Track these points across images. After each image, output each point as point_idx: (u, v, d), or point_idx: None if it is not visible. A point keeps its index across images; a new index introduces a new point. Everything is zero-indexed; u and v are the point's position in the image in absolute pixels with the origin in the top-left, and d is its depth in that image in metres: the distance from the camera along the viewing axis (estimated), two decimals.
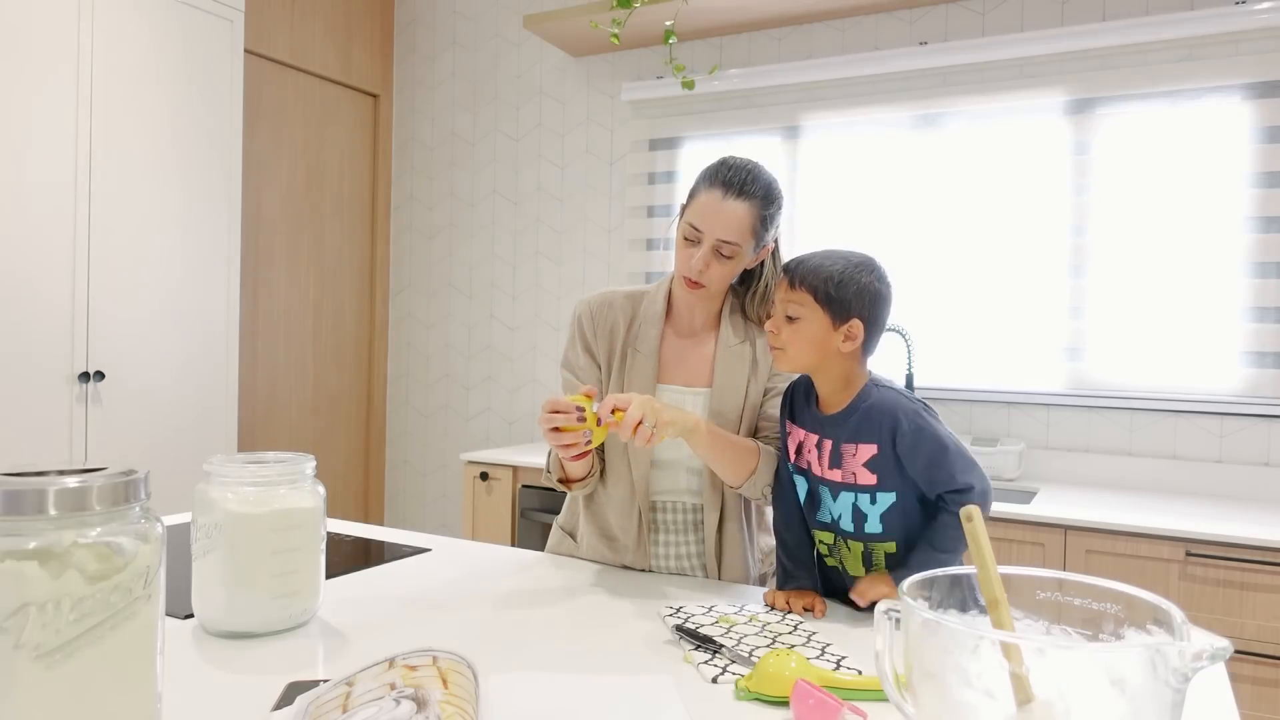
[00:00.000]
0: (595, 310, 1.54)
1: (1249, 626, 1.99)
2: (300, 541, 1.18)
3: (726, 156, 1.42)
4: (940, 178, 2.89)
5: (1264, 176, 2.47)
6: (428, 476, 3.92)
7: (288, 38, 3.51)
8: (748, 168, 1.39)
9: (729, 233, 1.37)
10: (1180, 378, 2.57)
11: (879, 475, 1.26)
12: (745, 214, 1.37)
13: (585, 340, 1.54)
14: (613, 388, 1.51)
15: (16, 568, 0.68)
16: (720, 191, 1.37)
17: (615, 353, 1.52)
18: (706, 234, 1.38)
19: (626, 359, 1.51)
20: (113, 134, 2.65)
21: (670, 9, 2.97)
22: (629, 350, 1.51)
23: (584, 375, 1.54)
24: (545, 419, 1.29)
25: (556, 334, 3.58)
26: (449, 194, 3.86)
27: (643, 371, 1.49)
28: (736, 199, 1.36)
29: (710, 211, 1.37)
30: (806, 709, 0.90)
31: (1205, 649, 0.63)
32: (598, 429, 1.30)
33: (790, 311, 1.27)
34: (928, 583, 0.81)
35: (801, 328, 1.27)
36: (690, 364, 1.52)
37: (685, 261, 1.41)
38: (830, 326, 1.26)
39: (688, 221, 1.40)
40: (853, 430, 1.27)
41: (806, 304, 1.26)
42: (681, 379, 1.51)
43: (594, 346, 1.53)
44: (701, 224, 1.38)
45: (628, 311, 1.53)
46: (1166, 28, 2.52)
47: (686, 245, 1.41)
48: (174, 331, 2.84)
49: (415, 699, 0.79)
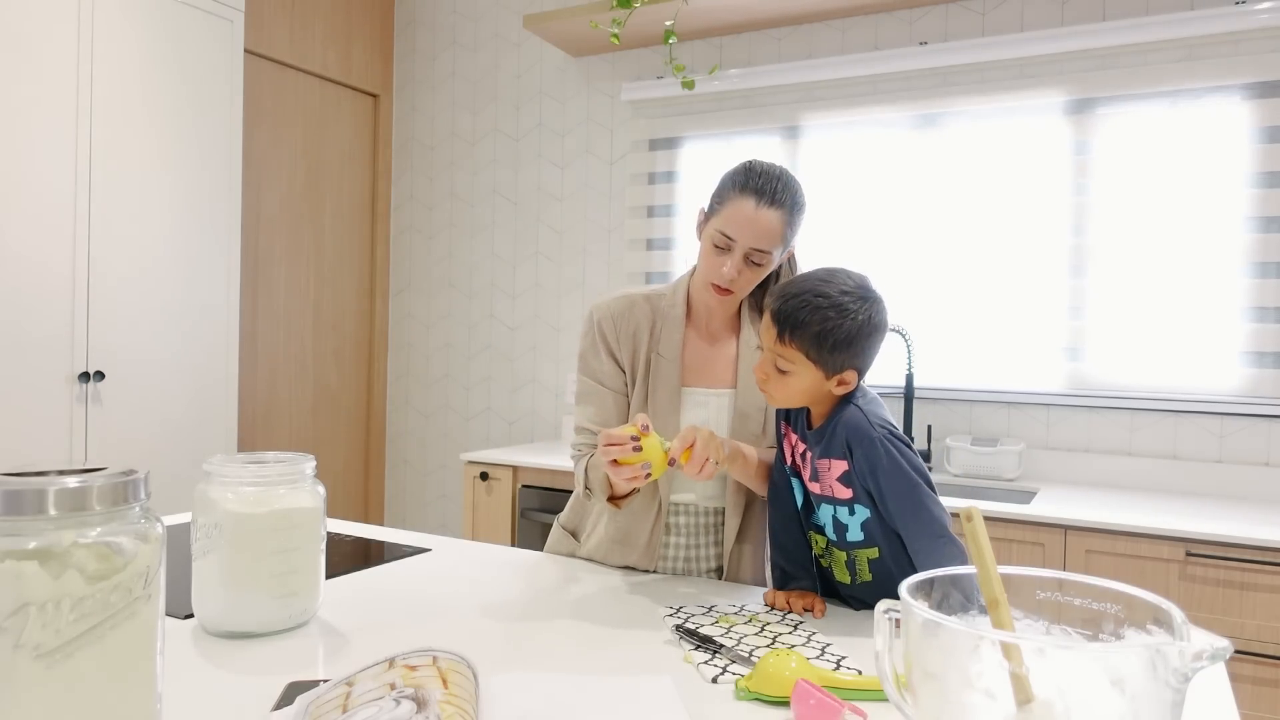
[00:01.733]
0: (617, 315, 1.51)
1: (1249, 626, 1.99)
2: (300, 541, 1.18)
3: (753, 162, 1.40)
4: (940, 178, 2.89)
5: (1264, 176, 2.47)
6: (428, 476, 3.92)
7: (288, 38, 3.51)
8: (779, 175, 1.38)
9: (761, 241, 1.36)
10: (1180, 378, 2.57)
11: (853, 489, 1.26)
12: (777, 222, 1.36)
13: (609, 346, 1.50)
14: (637, 393, 1.49)
15: (16, 568, 0.68)
16: (753, 200, 1.35)
17: (640, 358, 1.49)
18: (739, 242, 1.36)
19: (651, 364, 1.49)
20: (113, 134, 2.65)
21: (670, 9, 2.97)
22: (653, 355, 1.49)
23: (609, 381, 1.51)
24: (604, 452, 1.26)
25: (557, 334, 3.58)
26: (449, 194, 3.86)
27: (668, 376, 1.48)
28: (769, 207, 1.35)
29: (743, 220, 1.35)
30: (807, 709, 0.90)
31: (1205, 649, 0.63)
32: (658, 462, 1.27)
33: (780, 365, 1.23)
34: (927, 583, 0.81)
35: (791, 381, 1.24)
36: (714, 366, 1.52)
37: (715, 269, 1.39)
38: (823, 378, 1.24)
39: (718, 229, 1.38)
40: (826, 445, 1.27)
41: (798, 361, 1.22)
42: (705, 381, 1.51)
43: (618, 352, 1.50)
44: (734, 232, 1.36)
45: (648, 314, 1.51)
46: (1166, 28, 2.52)
47: (716, 252, 1.39)
48: (174, 331, 2.84)
49: (415, 699, 0.79)
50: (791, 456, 1.36)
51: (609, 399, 1.51)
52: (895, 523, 1.22)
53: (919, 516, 1.19)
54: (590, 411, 1.52)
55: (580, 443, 1.53)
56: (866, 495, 1.25)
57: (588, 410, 1.52)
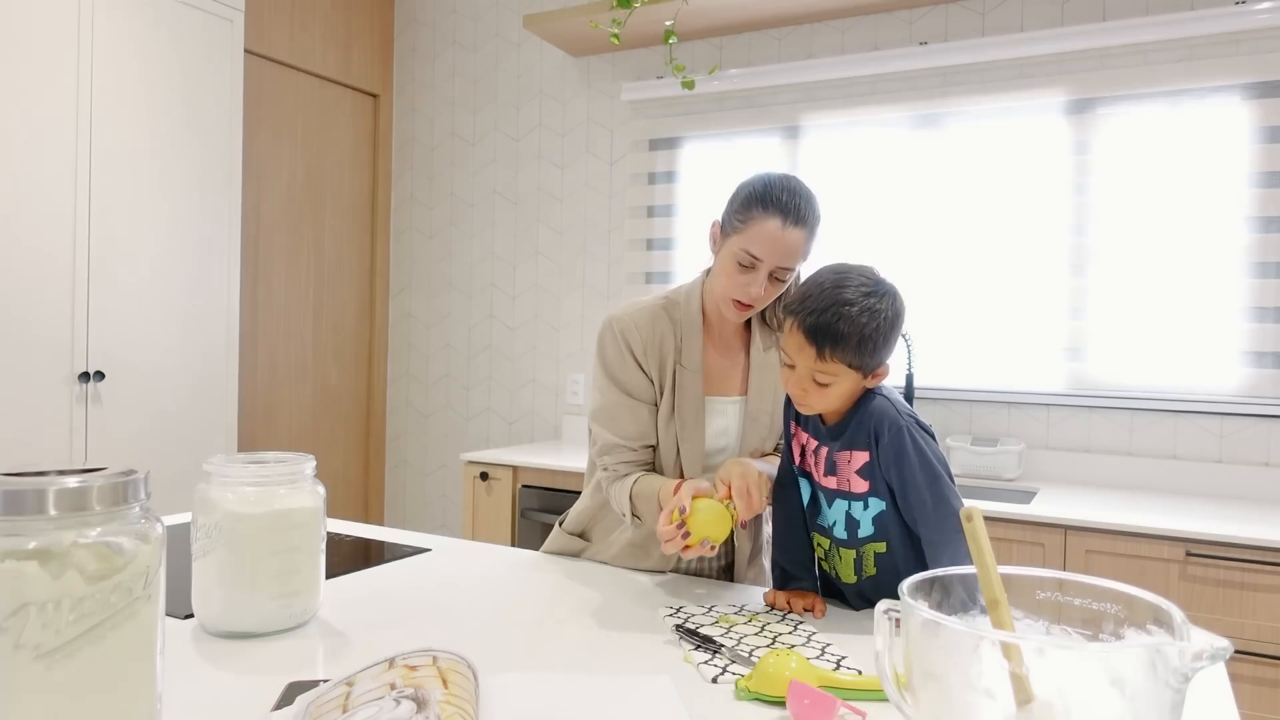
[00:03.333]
0: (642, 326, 1.49)
1: (1249, 626, 1.99)
2: (300, 541, 1.18)
3: (772, 178, 1.39)
4: (940, 178, 2.89)
5: (1264, 176, 2.47)
6: (428, 476, 3.92)
7: (288, 38, 3.51)
8: (801, 192, 1.37)
9: (788, 260, 1.36)
10: (1180, 378, 2.57)
11: (871, 482, 1.26)
12: (803, 240, 1.37)
13: (636, 358, 1.48)
14: (664, 405, 1.49)
15: (16, 568, 0.68)
16: (779, 220, 1.35)
17: (667, 370, 1.49)
18: (766, 262, 1.36)
19: (676, 376, 1.49)
20: (113, 134, 2.65)
21: (670, 9, 2.97)
22: (678, 367, 1.49)
23: (640, 394, 1.49)
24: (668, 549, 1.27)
25: (557, 334, 3.58)
26: (449, 194, 3.86)
27: (692, 387, 1.48)
28: (795, 226, 1.35)
29: (772, 240, 1.35)
30: (802, 708, 0.90)
31: (1205, 649, 0.63)
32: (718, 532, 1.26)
33: (820, 379, 1.22)
34: (928, 583, 0.81)
35: (832, 390, 1.23)
36: (728, 375, 1.53)
37: (741, 288, 1.38)
38: (861, 379, 1.24)
39: (743, 249, 1.36)
40: (849, 437, 1.27)
41: (840, 373, 1.21)
42: (723, 390, 1.52)
43: (645, 364, 1.49)
44: (761, 252, 1.35)
45: (670, 326, 1.50)
46: (1166, 28, 2.52)
47: (741, 270, 1.38)
48: (174, 331, 2.84)
49: (415, 699, 0.79)
50: (801, 455, 1.36)
51: (643, 411, 1.49)
52: (913, 514, 1.22)
53: (940, 509, 1.19)
54: (623, 426, 1.49)
55: (614, 462, 1.50)
56: (885, 488, 1.25)
57: (621, 425, 1.49)
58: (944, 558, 1.16)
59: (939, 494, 1.20)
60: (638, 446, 1.49)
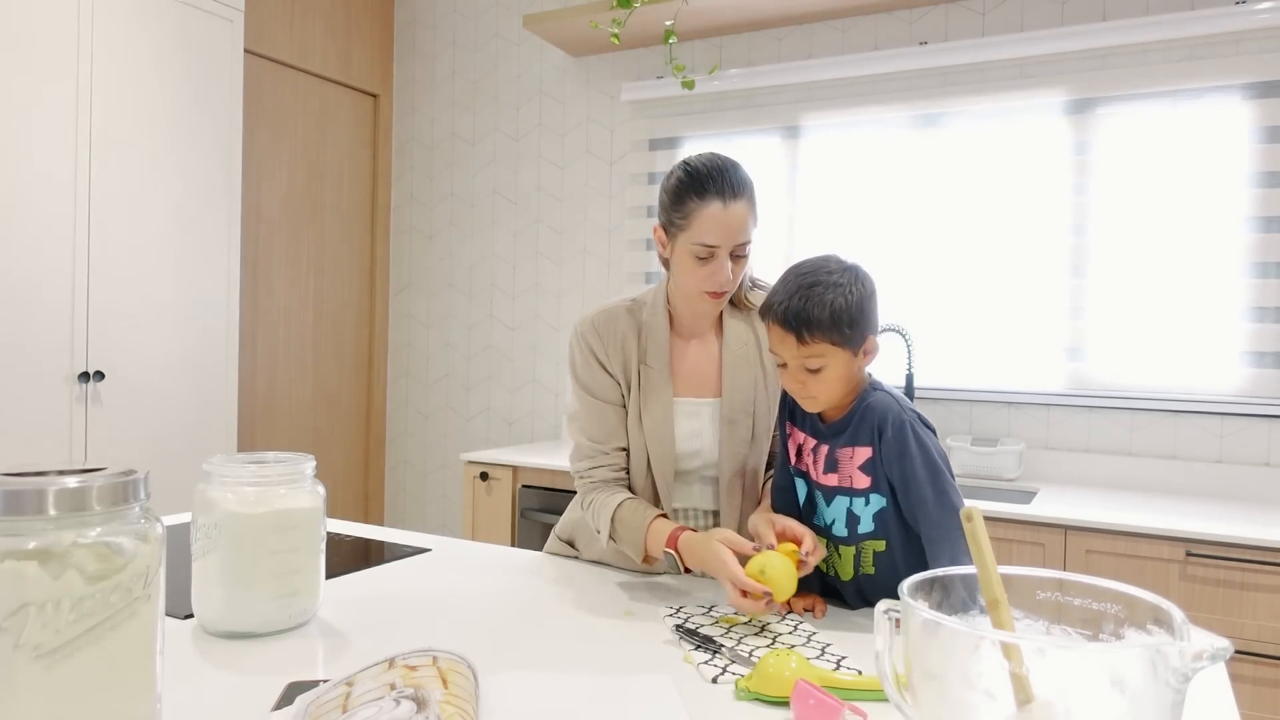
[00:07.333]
0: (601, 327, 1.49)
1: (1249, 626, 1.99)
2: (300, 541, 1.18)
3: (692, 165, 1.38)
4: (940, 178, 2.89)
5: (1264, 176, 2.47)
6: (428, 476, 3.92)
7: (288, 38, 3.51)
8: (727, 167, 1.37)
9: (741, 235, 1.36)
10: (1180, 378, 2.57)
11: (873, 478, 1.26)
12: (747, 211, 1.37)
13: (599, 359, 1.48)
14: (631, 404, 1.48)
15: (16, 568, 0.68)
16: (719, 201, 1.34)
17: (631, 368, 1.48)
18: (722, 245, 1.36)
19: (641, 376, 1.48)
20: (113, 134, 2.65)
21: (670, 9, 2.97)
22: (641, 366, 1.48)
23: (606, 395, 1.48)
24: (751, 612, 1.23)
25: (556, 334, 3.58)
26: (449, 194, 3.86)
27: (659, 387, 1.47)
28: (735, 200, 1.35)
29: (718, 223, 1.34)
30: (806, 709, 0.90)
31: (1205, 649, 0.63)
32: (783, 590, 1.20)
33: (809, 365, 1.24)
34: (928, 583, 0.81)
35: (827, 374, 1.24)
36: (699, 370, 1.50)
37: (708, 278, 1.38)
38: (852, 357, 1.25)
39: (696, 242, 1.36)
40: (851, 434, 1.27)
41: (826, 352, 1.23)
42: (692, 390, 1.49)
43: (609, 364, 1.48)
44: (715, 239, 1.35)
45: (632, 325, 1.49)
46: (1166, 28, 2.52)
47: (700, 264, 1.37)
48: (174, 331, 2.84)
49: (415, 699, 0.79)
50: (798, 454, 1.36)
51: (610, 413, 1.48)
52: (915, 510, 1.22)
53: (941, 504, 1.20)
54: (591, 428, 1.48)
55: (586, 469, 1.50)
56: (886, 484, 1.25)
57: (589, 428, 1.49)
58: (944, 554, 1.16)
59: (941, 490, 1.21)
60: (609, 449, 1.48)
